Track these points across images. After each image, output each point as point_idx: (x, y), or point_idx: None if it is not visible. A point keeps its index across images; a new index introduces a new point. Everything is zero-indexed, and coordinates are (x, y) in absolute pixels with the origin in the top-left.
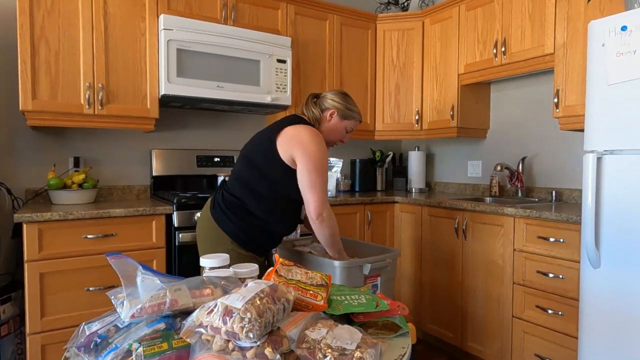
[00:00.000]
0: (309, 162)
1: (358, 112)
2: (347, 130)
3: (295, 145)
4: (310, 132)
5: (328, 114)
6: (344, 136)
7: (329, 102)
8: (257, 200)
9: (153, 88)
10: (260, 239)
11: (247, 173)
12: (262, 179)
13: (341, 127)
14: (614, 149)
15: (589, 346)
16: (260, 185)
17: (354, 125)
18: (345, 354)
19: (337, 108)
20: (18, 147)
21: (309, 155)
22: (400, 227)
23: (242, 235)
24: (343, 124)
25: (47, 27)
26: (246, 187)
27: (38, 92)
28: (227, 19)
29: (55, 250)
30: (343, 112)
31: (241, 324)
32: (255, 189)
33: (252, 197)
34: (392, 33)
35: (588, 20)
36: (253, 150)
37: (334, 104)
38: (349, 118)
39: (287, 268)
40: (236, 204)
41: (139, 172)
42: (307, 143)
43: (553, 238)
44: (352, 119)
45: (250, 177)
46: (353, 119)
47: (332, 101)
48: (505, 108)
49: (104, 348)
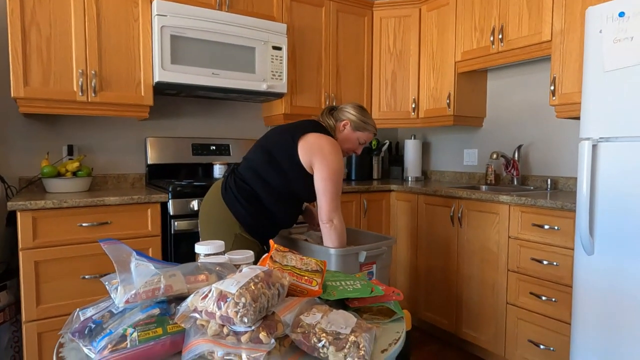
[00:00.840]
0: (327, 171)
1: (373, 125)
2: (360, 141)
3: (317, 153)
4: (331, 143)
5: (342, 124)
6: (357, 147)
7: (344, 114)
8: (268, 191)
9: (147, 75)
10: (266, 227)
11: (263, 165)
12: (278, 174)
13: (354, 137)
14: (609, 137)
15: (582, 332)
16: (274, 178)
17: (367, 138)
18: (339, 338)
19: (350, 120)
20: (11, 134)
21: (328, 165)
22: (396, 215)
23: (250, 220)
24: (356, 135)
25: (38, 13)
26: (259, 177)
27: (30, 79)
28: (222, 5)
29: (50, 238)
30: (356, 124)
31: (235, 309)
32: (268, 180)
33: (263, 187)
34: (389, 20)
35: (586, 6)
36: (274, 146)
37: (349, 115)
38: (362, 130)
39: (282, 254)
40: (248, 191)
41: (134, 160)
42: (327, 153)
43: (548, 225)
44: (366, 130)
45: (266, 169)
46: (367, 130)
47: (348, 113)
48: (502, 96)
49: (99, 333)
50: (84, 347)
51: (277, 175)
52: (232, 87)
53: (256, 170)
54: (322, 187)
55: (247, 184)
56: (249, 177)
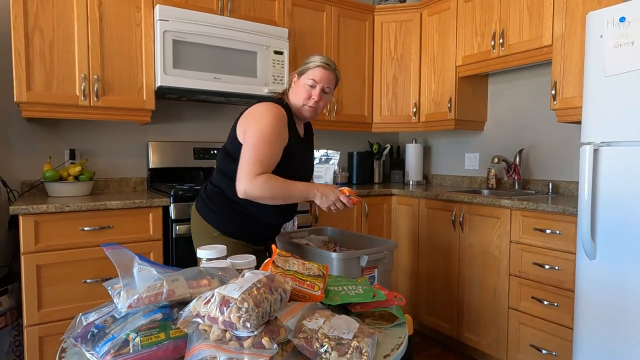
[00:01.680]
0: (251, 132)
1: (316, 59)
2: (308, 83)
3: (248, 119)
4: (262, 106)
5: (291, 80)
6: (309, 91)
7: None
8: (230, 184)
9: (149, 79)
10: (248, 226)
11: (221, 160)
12: (231, 162)
13: (301, 84)
14: (610, 141)
15: (584, 337)
16: (230, 169)
17: (313, 75)
18: (342, 343)
19: (296, 70)
20: (13, 138)
21: (253, 127)
22: (398, 219)
23: (225, 222)
24: (302, 81)
25: (41, 18)
26: (223, 174)
27: (33, 83)
28: (224, 10)
29: (52, 242)
30: (299, 70)
31: (238, 314)
32: (229, 174)
33: (227, 184)
34: (390, 25)
35: (586, 11)
36: (227, 138)
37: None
38: (304, 71)
39: (284, 259)
40: (216, 192)
41: (136, 164)
42: (256, 115)
43: (549, 230)
44: (308, 68)
45: (224, 163)
46: (309, 67)
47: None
48: (503, 100)
49: (101, 338)
50: (86, 352)
51: (232, 164)
52: (233, 92)
53: (219, 168)
54: (243, 150)
55: (214, 186)
56: (215, 178)
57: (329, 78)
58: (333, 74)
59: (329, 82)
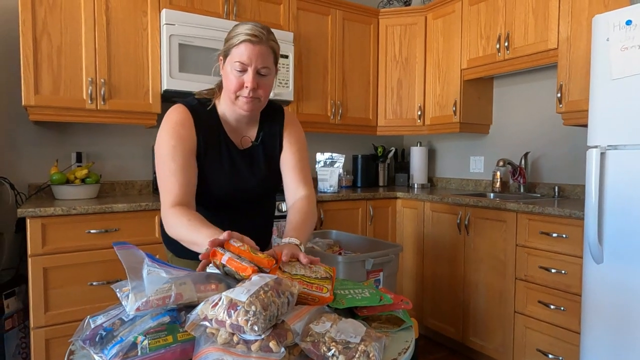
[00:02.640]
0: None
1: (240, 32)
2: (235, 67)
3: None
4: (165, 116)
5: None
6: (240, 80)
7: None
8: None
9: (155, 83)
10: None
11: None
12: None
13: (227, 70)
14: (617, 144)
15: (591, 341)
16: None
17: (240, 57)
18: (349, 347)
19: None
20: (21, 142)
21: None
22: (402, 222)
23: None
24: (229, 66)
25: (49, 22)
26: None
27: (40, 87)
28: (229, 14)
29: (59, 245)
30: (224, 50)
31: (246, 317)
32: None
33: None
34: (395, 28)
35: (592, 14)
36: None
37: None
38: (228, 52)
39: (290, 264)
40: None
41: (141, 167)
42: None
43: (556, 233)
44: (232, 46)
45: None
46: (232, 46)
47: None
48: (508, 103)
49: (109, 341)
50: (94, 354)
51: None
52: None
53: None
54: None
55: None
56: None
57: (262, 54)
58: (266, 46)
59: (263, 59)
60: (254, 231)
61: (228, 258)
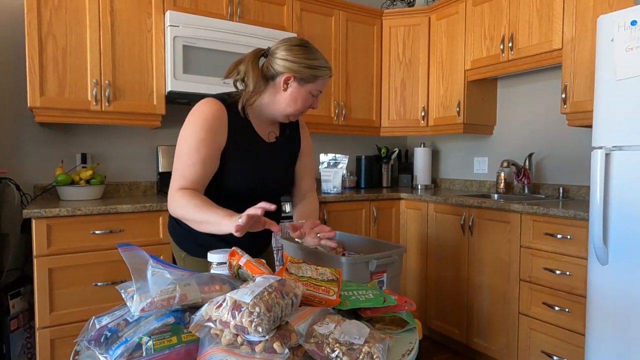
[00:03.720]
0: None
1: (325, 65)
2: (313, 94)
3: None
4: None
5: (282, 81)
6: (313, 102)
7: (277, 64)
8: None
9: (159, 84)
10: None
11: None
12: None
13: (304, 93)
14: (622, 145)
15: (596, 343)
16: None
17: (322, 86)
18: (353, 348)
19: (292, 70)
20: (26, 143)
21: (180, 132)
22: (406, 223)
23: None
24: (306, 89)
25: (55, 24)
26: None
27: (46, 89)
28: (233, 15)
29: (64, 245)
30: (302, 74)
31: (250, 318)
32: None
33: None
34: (398, 29)
35: (597, 14)
36: None
37: (287, 64)
38: (312, 80)
39: (297, 265)
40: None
41: (146, 168)
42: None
43: (560, 235)
44: (317, 78)
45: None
46: (318, 78)
47: (284, 61)
48: (512, 104)
49: (114, 341)
50: (100, 355)
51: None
52: None
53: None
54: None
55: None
56: None
57: None
58: None
59: None
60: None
61: (246, 260)
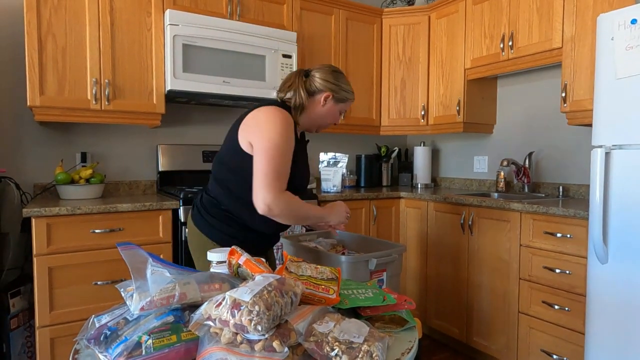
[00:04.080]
0: (261, 142)
1: (352, 90)
2: (340, 112)
3: (253, 126)
4: (268, 112)
5: (322, 98)
6: (337, 119)
7: (319, 83)
8: (228, 196)
9: (159, 83)
10: (246, 237)
11: (216, 168)
12: (229, 172)
13: (335, 111)
14: (622, 144)
15: (596, 342)
16: (229, 179)
17: (347, 108)
18: (352, 347)
19: (331, 90)
20: (26, 142)
21: (262, 136)
22: (406, 222)
23: (223, 235)
24: (338, 108)
25: (54, 23)
26: (219, 184)
27: (45, 88)
28: (233, 14)
29: (64, 244)
30: (340, 96)
31: (249, 317)
32: (225, 184)
33: (223, 193)
34: (398, 28)
35: (597, 13)
36: (223, 145)
37: (327, 84)
38: (344, 101)
39: (296, 264)
40: (212, 203)
41: (146, 167)
42: (262, 122)
43: (560, 233)
44: (348, 101)
45: (219, 172)
46: (348, 100)
47: (324, 82)
48: (512, 103)
49: (114, 340)
50: (99, 353)
51: (228, 174)
52: (242, 95)
53: (214, 177)
54: (255, 162)
55: (210, 196)
56: (212, 188)
57: None
58: None
59: None
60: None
61: (246, 259)
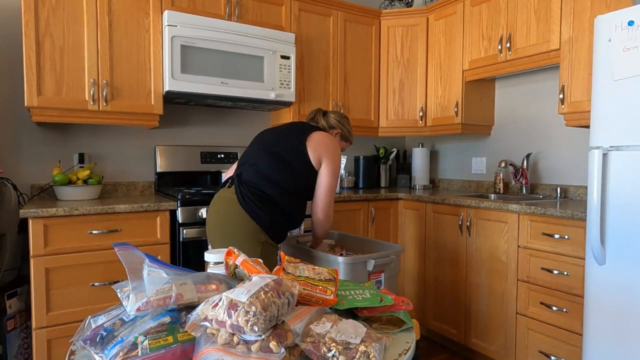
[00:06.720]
0: (332, 167)
1: (353, 135)
2: (342, 149)
3: (324, 150)
4: (334, 142)
5: (334, 133)
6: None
7: (334, 122)
8: (281, 193)
9: (157, 84)
10: (284, 228)
11: (273, 168)
12: (290, 174)
13: (343, 144)
14: (619, 145)
15: (593, 343)
16: (286, 180)
17: (346, 147)
18: (349, 348)
19: (341, 129)
20: (23, 143)
21: (333, 162)
22: (404, 223)
23: (272, 226)
24: (341, 145)
25: (52, 24)
26: (270, 180)
27: (43, 89)
28: (231, 15)
29: (61, 245)
30: (345, 136)
31: (246, 318)
32: (279, 182)
33: (276, 190)
34: (396, 29)
35: (594, 15)
36: (282, 148)
37: (340, 125)
38: (346, 140)
39: (294, 265)
40: (264, 197)
41: (143, 168)
42: (332, 151)
43: (558, 235)
44: (348, 142)
45: (276, 171)
46: (349, 142)
47: (338, 122)
48: (510, 104)
49: (110, 341)
50: (95, 354)
51: (288, 175)
52: (240, 96)
53: (266, 174)
54: (325, 182)
55: (260, 190)
56: (261, 183)
57: None
58: None
59: None
60: None
61: (243, 260)
